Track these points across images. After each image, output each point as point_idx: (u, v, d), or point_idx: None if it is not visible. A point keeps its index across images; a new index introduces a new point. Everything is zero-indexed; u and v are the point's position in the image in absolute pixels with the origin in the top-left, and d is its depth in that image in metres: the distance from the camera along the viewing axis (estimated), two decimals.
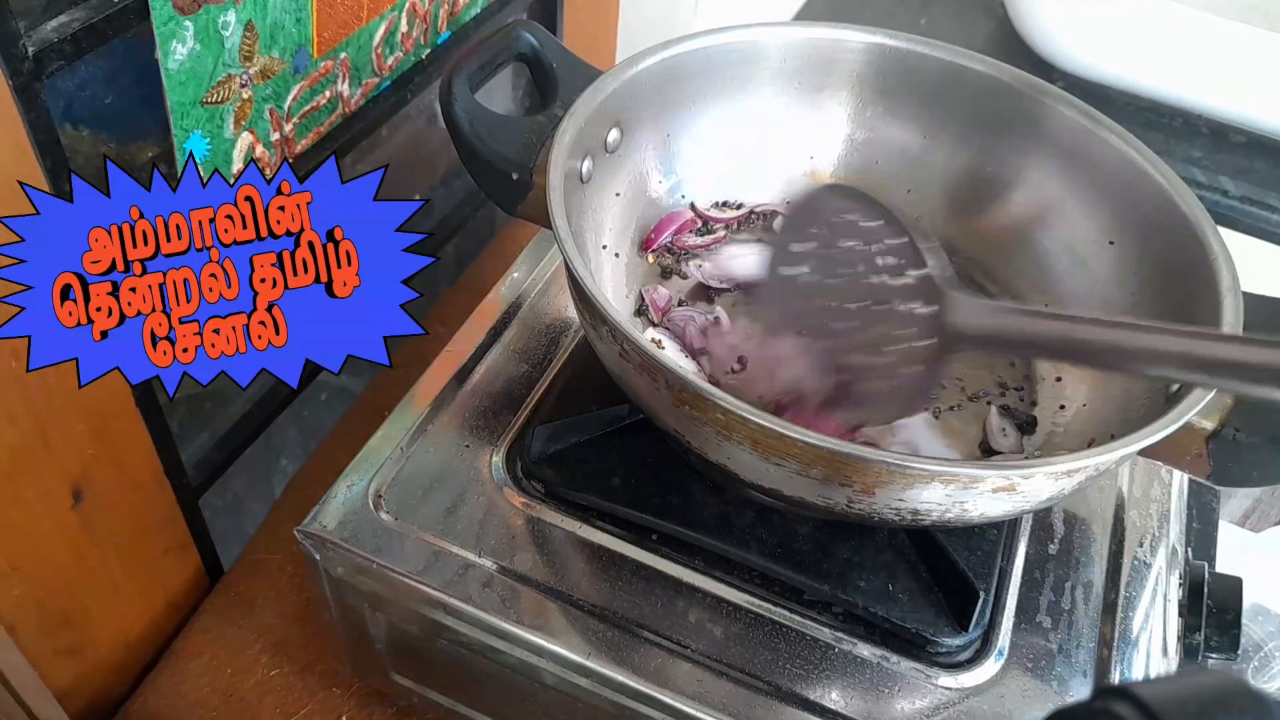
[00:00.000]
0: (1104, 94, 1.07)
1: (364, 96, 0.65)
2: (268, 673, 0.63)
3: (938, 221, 0.67)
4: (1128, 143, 0.59)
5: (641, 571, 0.53)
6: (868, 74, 0.66)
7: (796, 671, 0.50)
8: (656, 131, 0.63)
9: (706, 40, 0.62)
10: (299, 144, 0.61)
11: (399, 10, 0.65)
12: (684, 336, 0.59)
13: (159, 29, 0.47)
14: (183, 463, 0.63)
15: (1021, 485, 0.45)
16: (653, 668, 0.50)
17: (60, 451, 0.53)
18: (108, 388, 0.55)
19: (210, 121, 0.53)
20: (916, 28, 1.19)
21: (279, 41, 0.55)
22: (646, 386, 0.48)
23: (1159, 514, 0.60)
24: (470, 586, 0.52)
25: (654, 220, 0.64)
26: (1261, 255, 0.98)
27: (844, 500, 0.46)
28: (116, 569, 0.61)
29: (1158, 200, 0.57)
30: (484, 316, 0.66)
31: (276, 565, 0.69)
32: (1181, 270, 0.55)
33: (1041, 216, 0.63)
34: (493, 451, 0.58)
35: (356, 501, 0.55)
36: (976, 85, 0.64)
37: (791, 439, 0.43)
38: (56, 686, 0.60)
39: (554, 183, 0.51)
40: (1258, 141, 1.04)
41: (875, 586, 0.52)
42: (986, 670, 0.51)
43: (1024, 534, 0.57)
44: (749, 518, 0.54)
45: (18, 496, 0.52)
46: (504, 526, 0.54)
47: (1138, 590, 0.56)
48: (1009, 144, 0.64)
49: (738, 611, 0.52)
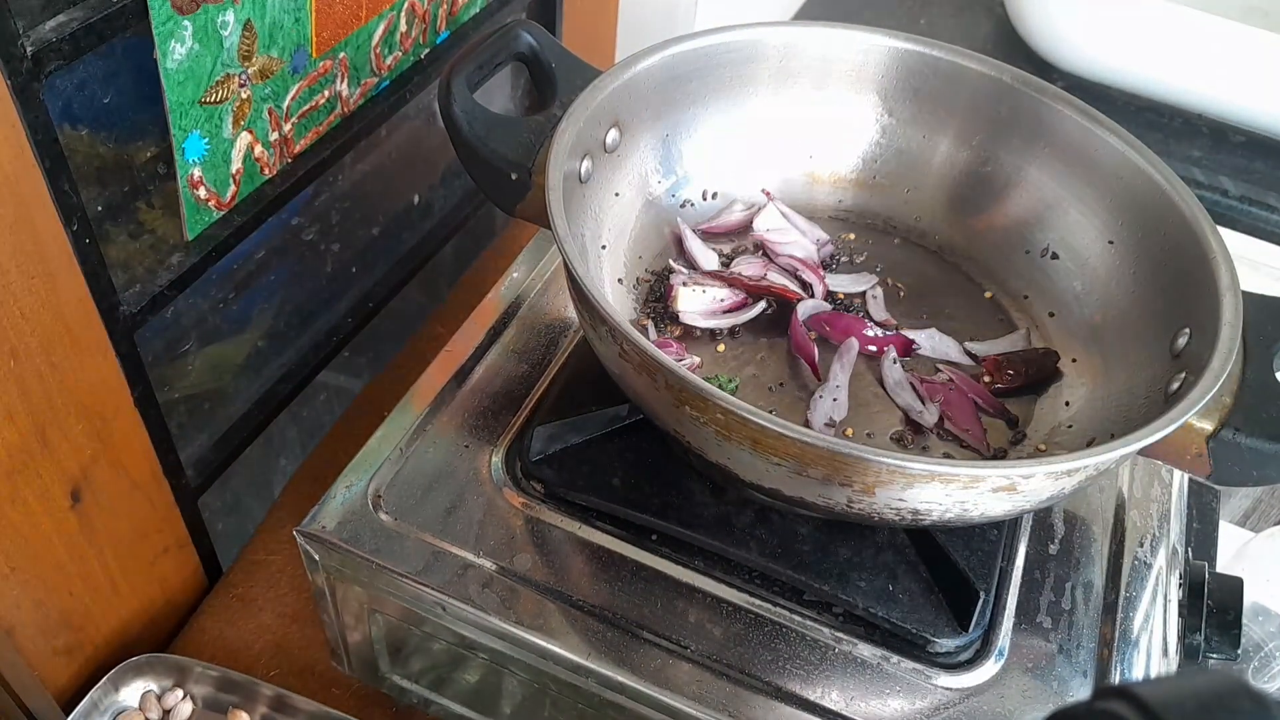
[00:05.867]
0: (1104, 94, 1.08)
1: (363, 96, 0.65)
2: (267, 673, 0.63)
3: (937, 221, 0.67)
4: (1128, 143, 0.59)
5: (641, 572, 0.53)
6: (867, 74, 0.66)
7: (796, 672, 0.50)
8: (656, 131, 0.63)
9: (706, 40, 0.62)
10: (298, 144, 0.61)
11: (398, 10, 0.64)
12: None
13: (158, 29, 0.47)
14: (181, 463, 0.63)
15: (1021, 485, 0.45)
16: (653, 668, 0.50)
17: (59, 451, 0.53)
18: (107, 387, 0.55)
19: (209, 121, 0.53)
20: (916, 28, 1.19)
21: (278, 41, 0.55)
22: (646, 386, 0.48)
23: (1159, 514, 0.60)
24: (470, 587, 0.52)
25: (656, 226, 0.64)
26: (1261, 255, 0.99)
27: (844, 500, 0.46)
28: (115, 569, 0.61)
29: (1157, 200, 0.57)
30: (483, 316, 0.66)
31: (276, 565, 0.69)
32: (1181, 270, 0.55)
33: (1041, 216, 0.64)
34: (492, 451, 0.58)
35: (356, 502, 0.55)
36: (976, 85, 0.64)
37: (791, 439, 0.43)
38: (55, 686, 0.60)
39: (553, 183, 0.51)
40: (1257, 141, 1.04)
41: (875, 586, 0.52)
42: (986, 671, 0.51)
43: (1024, 534, 0.57)
44: (749, 518, 0.54)
45: (16, 496, 0.52)
46: (503, 527, 0.54)
47: (1138, 590, 0.56)
48: (1009, 144, 0.64)
49: (738, 612, 0.52)
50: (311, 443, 0.82)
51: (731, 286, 0.62)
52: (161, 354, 0.62)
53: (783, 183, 0.68)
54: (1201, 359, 0.49)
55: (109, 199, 0.53)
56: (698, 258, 0.64)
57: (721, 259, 0.64)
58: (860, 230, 0.68)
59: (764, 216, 0.66)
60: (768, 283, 0.61)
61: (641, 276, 0.63)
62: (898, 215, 0.68)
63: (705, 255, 0.64)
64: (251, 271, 0.67)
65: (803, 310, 0.61)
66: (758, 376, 0.59)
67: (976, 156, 0.65)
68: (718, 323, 0.61)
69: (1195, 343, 0.51)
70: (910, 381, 0.59)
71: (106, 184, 0.53)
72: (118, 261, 0.54)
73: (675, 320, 0.60)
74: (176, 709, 0.60)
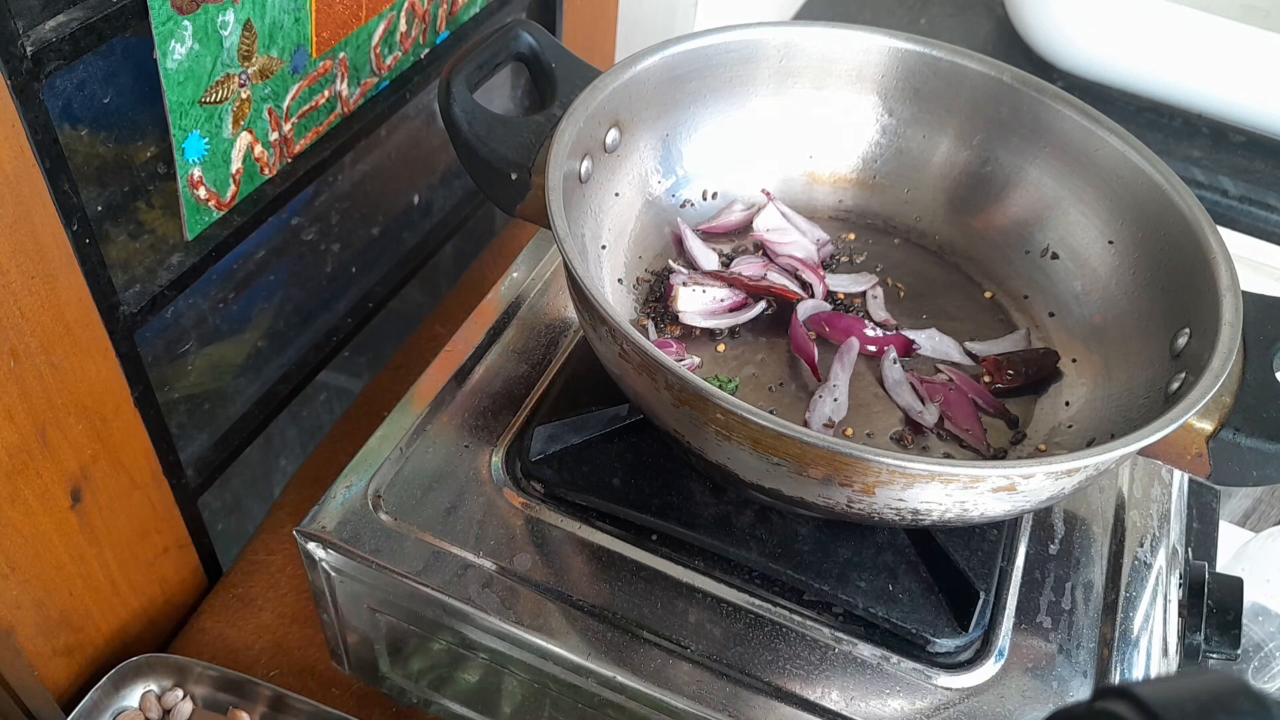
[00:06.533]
0: (1104, 94, 1.08)
1: (363, 96, 0.65)
2: (267, 673, 0.63)
3: (937, 221, 0.67)
4: (1128, 143, 0.59)
5: (641, 572, 0.53)
6: (867, 74, 0.66)
7: (796, 672, 0.50)
8: (656, 131, 0.63)
9: (706, 40, 0.62)
10: (298, 144, 0.61)
11: (398, 10, 0.64)
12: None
13: (158, 28, 0.47)
14: (181, 463, 0.63)
15: (1022, 485, 0.45)
16: (653, 668, 0.50)
17: (59, 451, 0.53)
18: (107, 387, 0.55)
19: (209, 121, 0.53)
20: (916, 28, 1.19)
21: (278, 41, 0.55)
22: (646, 386, 0.48)
23: (1159, 514, 0.60)
24: (470, 587, 0.52)
25: (655, 226, 0.64)
26: (1261, 255, 0.99)
27: (844, 500, 0.46)
28: (115, 569, 0.61)
29: (1157, 200, 0.57)
30: (483, 316, 0.66)
31: (276, 565, 0.69)
32: (1181, 270, 0.55)
33: (1041, 216, 0.64)
34: (492, 452, 0.58)
35: (356, 502, 0.55)
36: (976, 85, 0.64)
37: (791, 439, 0.43)
38: (55, 686, 0.60)
39: (553, 183, 0.51)
40: (1257, 141, 1.04)
41: (875, 586, 0.52)
42: (986, 671, 0.51)
43: (1024, 534, 0.57)
44: (749, 518, 0.54)
45: (16, 496, 0.52)
46: (503, 527, 0.54)
47: (1138, 590, 0.56)
48: (1009, 144, 0.64)
49: (738, 612, 0.52)
50: (311, 443, 0.82)
51: (731, 286, 0.62)
52: (161, 354, 0.62)
53: (783, 183, 0.68)
54: (1201, 359, 0.49)
55: (109, 199, 0.53)
56: (698, 258, 0.64)
57: (721, 259, 0.64)
58: (860, 230, 0.68)
59: (764, 216, 0.66)
60: (768, 283, 0.61)
61: (641, 276, 0.63)
62: (898, 215, 0.68)
63: (705, 255, 0.64)
64: (251, 271, 0.67)
65: (803, 310, 0.61)
66: (758, 376, 0.59)
67: (976, 156, 0.65)
68: (718, 323, 0.61)
69: (1195, 343, 0.51)
70: (910, 381, 0.59)
71: (106, 184, 0.53)
72: (118, 261, 0.54)
73: (675, 320, 0.60)
74: (176, 709, 0.60)
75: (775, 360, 0.60)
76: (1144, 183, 0.58)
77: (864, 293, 0.64)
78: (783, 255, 0.64)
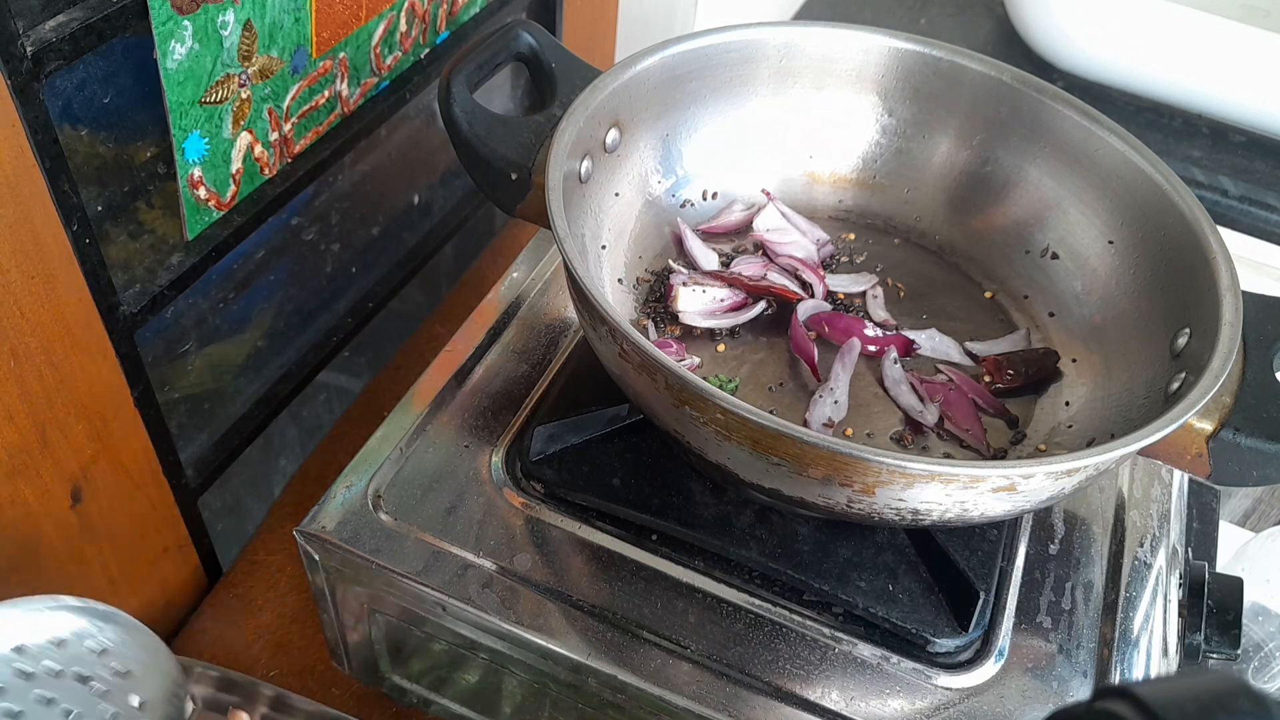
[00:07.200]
0: (1104, 94, 1.08)
1: (363, 96, 0.65)
2: (267, 673, 0.63)
3: (937, 221, 0.67)
4: (1128, 143, 0.59)
5: (641, 572, 0.53)
6: (867, 74, 0.66)
7: (796, 672, 0.50)
8: (656, 131, 0.63)
9: (706, 40, 0.62)
10: (298, 144, 0.61)
11: (398, 10, 0.64)
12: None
13: (158, 28, 0.47)
14: (181, 463, 0.63)
15: (1021, 485, 0.45)
16: (653, 668, 0.50)
17: (59, 451, 0.53)
18: (107, 387, 0.55)
19: (209, 121, 0.53)
20: (916, 27, 1.19)
21: (278, 41, 0.55)
22: (646, 386, 0.48)
23: (1159, 514, 0.60)
24: (470, 587, 0.52)
25: (655, 226, 0.64)
26: (1261, 255, 0.99)
27: (844, 500, 0.46)
28: (115, 569, 0.61)
29: (1157, 200, 0.57)
30: (483, 316, 0.66)
31: (276, 565, 0.69)
32: (1181, 270, 0.55)
33: (1041, 216, 0.64)
34: (492, 451, 0.58)
35: (356, 502, 0.55)
36: (976, 85, 0.64)
37: (791, 439, 0.43)
38: None
39: (553, 183, 0.51)
40: (1257, 141, 1.05)
41: (875, 586, 0.52)
42: (986, 671, 0.51)
43: (1024, 534, 0.57)
44: (749, 518, 0.54)
45: (16, 496, 0.52)
46: (503, 527, 0.54)
47: (1138, 590, 0.56)
48: (1009, 144, 0.64)
49: (738, 612, 0.52)
50: (311, 443, 0.82)
51: (731, 286, 0.62)
52: (161, 354, 0.62)
53: (783, 183, 0.68)
54: (1201, 359, 0.49)
55: (109, 199, 0.53)
56: (698, 258, 0.64)
57: (721, 259, 0.64)
58: (860, 230, 0.68)
59: (764, 216, 0.66)
60: (768, 283, 0.61)
61: (641, 276, 0.63)
62: (898, 215, 0.68)
63: (705, 255, 0.64)
64: (251, 271, 0.67)
65: (803, 310, 0.61)
66: (758, 376, 0.59)
67: (976, 156, 0.65)
68: (718, 323, 0.61)
69: (1195, 343, 0.51)
70: (910, 381, 0.59)
71: (106, 184, 0.53)
72: (118, 261, 0.54)
73: (675, 320, 0.60)
74: None
75: (775, 360, 0.60)
76: (1144, 183, 0.58)
77: (864, 293, 0.64)
78: (783, 255, 0.64)
